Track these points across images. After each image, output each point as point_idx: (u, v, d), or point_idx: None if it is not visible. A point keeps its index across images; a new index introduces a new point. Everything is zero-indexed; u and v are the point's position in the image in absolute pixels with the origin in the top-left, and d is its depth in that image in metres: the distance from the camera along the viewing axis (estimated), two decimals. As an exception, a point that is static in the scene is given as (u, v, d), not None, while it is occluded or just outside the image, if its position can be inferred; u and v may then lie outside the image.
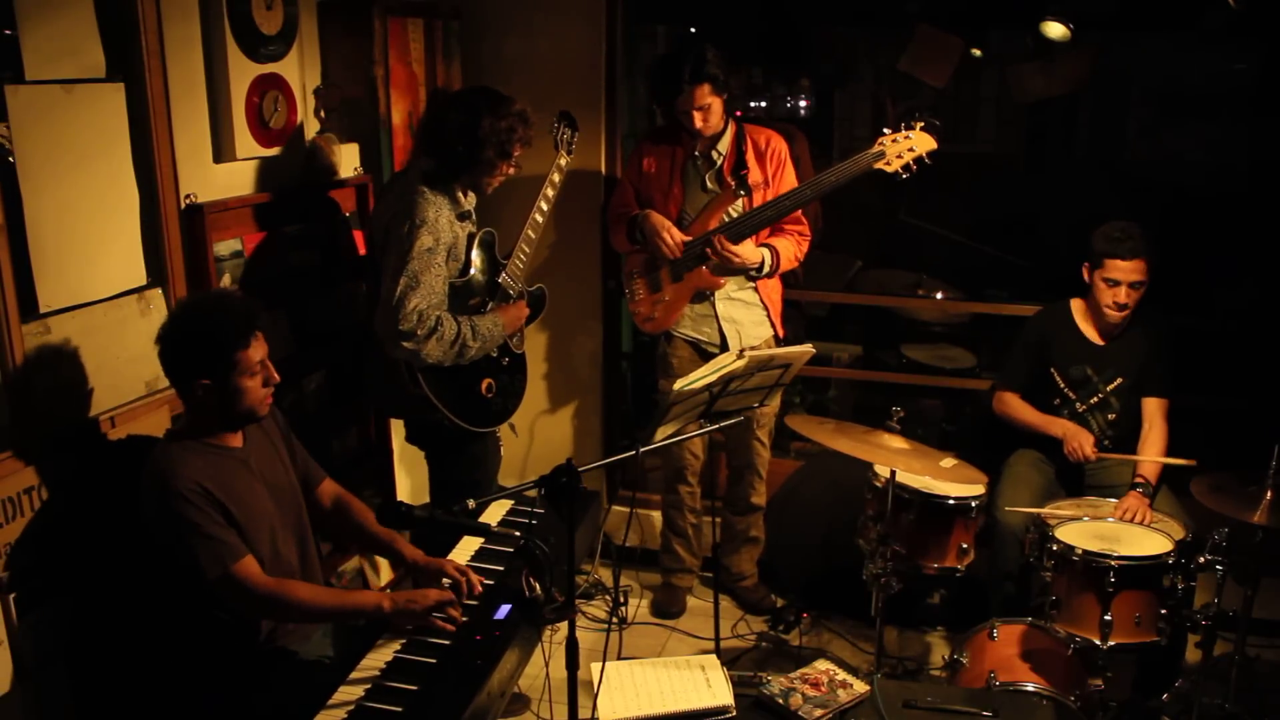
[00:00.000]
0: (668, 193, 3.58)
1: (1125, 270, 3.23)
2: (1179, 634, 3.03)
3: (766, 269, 3.56)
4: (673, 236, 3.50)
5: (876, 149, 3.34)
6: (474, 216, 3.06)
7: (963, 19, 4.60)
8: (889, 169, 3.32)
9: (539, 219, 3.15)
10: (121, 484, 2.41)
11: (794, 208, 3.49)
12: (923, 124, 3.32)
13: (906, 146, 3.32)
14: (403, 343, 2.80)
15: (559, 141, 3.26)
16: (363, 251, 3.44)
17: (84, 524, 2.42)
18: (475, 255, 3.02)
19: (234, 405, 2.31)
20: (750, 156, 3.55)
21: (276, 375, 2.37)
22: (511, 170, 3.00)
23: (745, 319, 3.66)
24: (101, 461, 2.48)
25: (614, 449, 4.27)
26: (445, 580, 2.40)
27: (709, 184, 3.58)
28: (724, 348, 3.61)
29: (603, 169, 4.03)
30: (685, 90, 3.38)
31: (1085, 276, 3.35)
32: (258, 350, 2.31)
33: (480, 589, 2.37)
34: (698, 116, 3.43)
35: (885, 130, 3.36)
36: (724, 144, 3.56)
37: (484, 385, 3.06)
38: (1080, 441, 3.29)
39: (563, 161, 3.23)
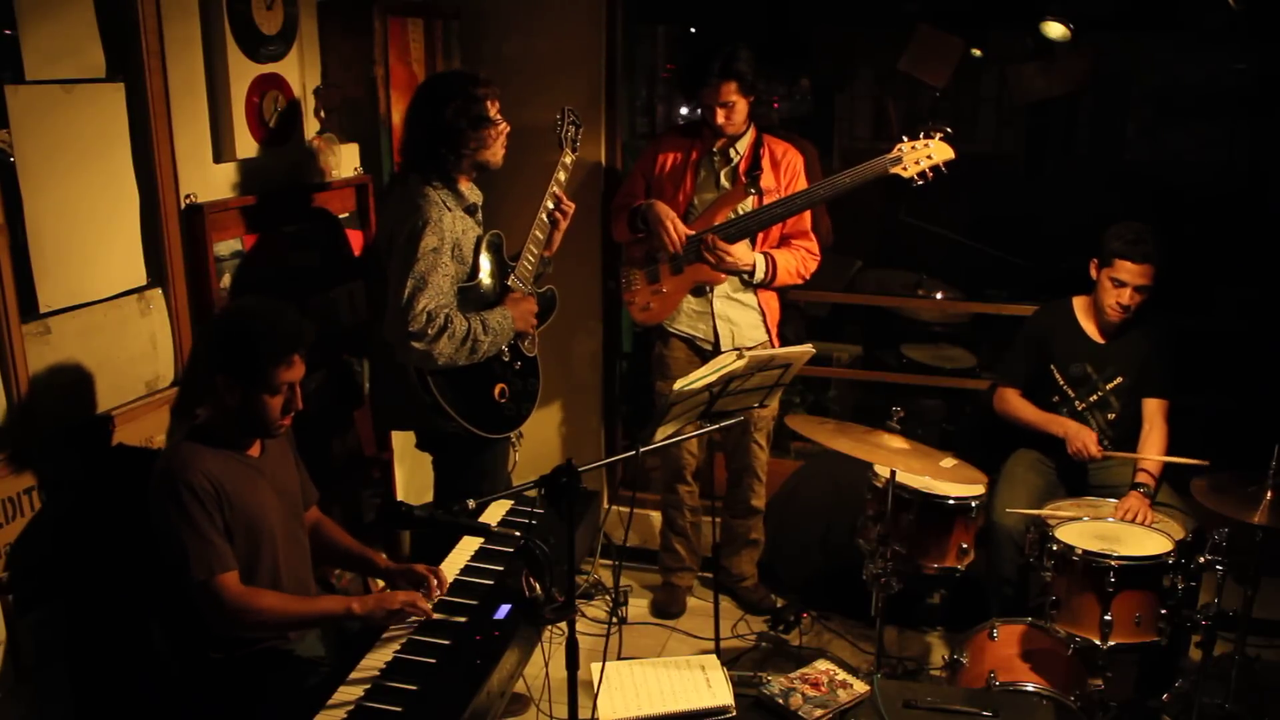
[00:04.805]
0: (679, 185, 3.58)
1: (1133, 273, 3.23)
2: (1179, 634, 3.03)
3: (760, 275, 3.54)
4: (677, 228, 3.49)
5: (894, 154, 3.36)
6: (480, 214, 3.03)
7: (963, 19, 4.60)
8: (905, 174, 3.35)
9: (545, 218, 3.13)
10: (122, 484, 2.41)
11: (805, 206, 3.48)
12: (941, 134, 3.36)
13: (925, 154, 3.34)
14: (413, 343, 2.76)
15: (563, 139, 3.24)
16: (356, 253, 3.43)
17: (84, 524, 2.42)
18: (484, 259, 2.98)
19: (250, 415, 2.32)
20: (766, 162, 3.56)
21: (300, 403, 2.37)
22: (504, 126, 2.95)
23: (741, 320, 3.65)
24: (102, 462, 2.48)
25: (614, 449, 4.28)
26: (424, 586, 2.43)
27: (723, 181, 3.58)
28: (717, 346, 3.61)
29: (603, 167, 4.03)
30: (711, 84, 3.40)
31: (1092, 273, 3.36)
32: (292, 373, 2.32)
33: (444, 590, 2.37)
34: (720, 112, 3.44)
35: (904, 137, 3.38)
36: (742, 145, 3.57)
37: (497, 390, 3.03)
38: (1084, 440, 3.28)
39: (568, 159, 3.21)
